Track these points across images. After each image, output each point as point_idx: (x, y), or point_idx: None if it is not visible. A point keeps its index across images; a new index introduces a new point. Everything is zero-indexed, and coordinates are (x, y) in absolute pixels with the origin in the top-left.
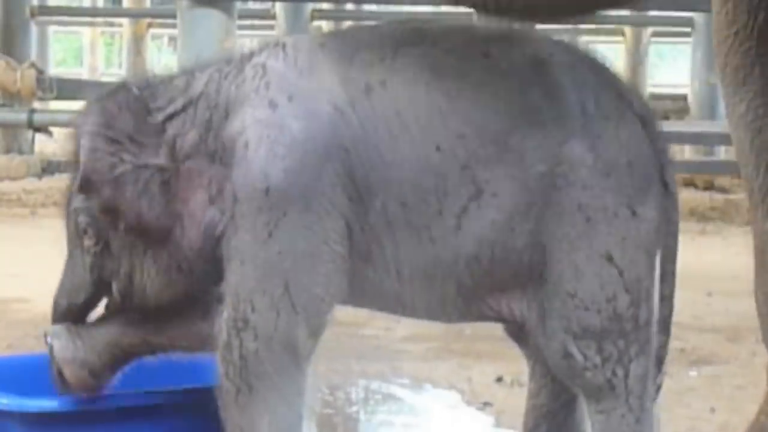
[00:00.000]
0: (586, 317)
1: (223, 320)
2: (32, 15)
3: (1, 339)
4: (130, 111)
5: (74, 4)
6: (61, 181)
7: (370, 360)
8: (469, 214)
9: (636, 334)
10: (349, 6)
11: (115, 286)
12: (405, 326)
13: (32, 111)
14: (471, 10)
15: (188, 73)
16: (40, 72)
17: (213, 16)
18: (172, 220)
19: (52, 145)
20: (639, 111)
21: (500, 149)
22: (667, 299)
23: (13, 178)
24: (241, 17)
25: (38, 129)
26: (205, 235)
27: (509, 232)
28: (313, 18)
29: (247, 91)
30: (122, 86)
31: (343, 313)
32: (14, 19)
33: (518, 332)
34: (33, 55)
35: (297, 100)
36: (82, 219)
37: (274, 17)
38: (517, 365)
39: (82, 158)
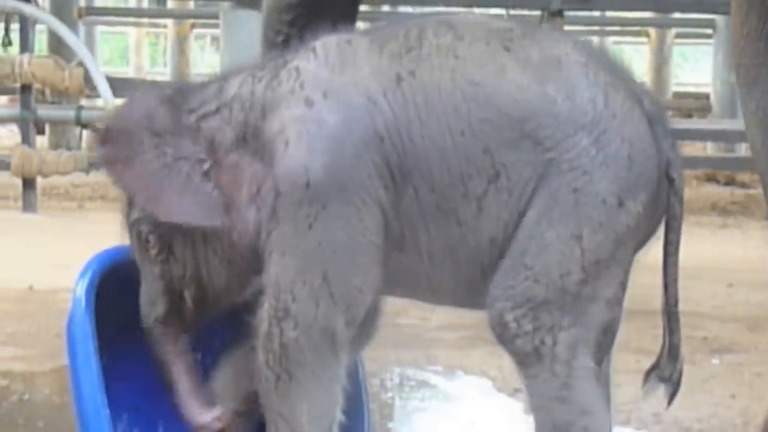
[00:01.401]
0: (533, 288)
1: (264, 310)
2: (80, 16)
3: (50, 327)
4: (166, 109)
5: (120, 5)
6: (106, 176)
7: (405, 348)
8: (488, 196)
9: (573, 305)
10: (385, 8)
11: (186, 294)
12: (439, 316)
13: (80, 108)
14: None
15: (221, 79)
16: (88, 71)
17: (254, 18)
18: (219, 211)
19: None
20: (648, 110)
21: (517, 135)
22: (671, 289)
23: (62, 173)
24: None
25: (85, 125)
26: (252, 228)
27: (516, 213)
28: None
29: (283, 92)
30: (153, 87)
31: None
32: (62, 19)
33: None
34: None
35: (331, 95)
36: (144, 228)
37: None
38: None
39: (122, 155)
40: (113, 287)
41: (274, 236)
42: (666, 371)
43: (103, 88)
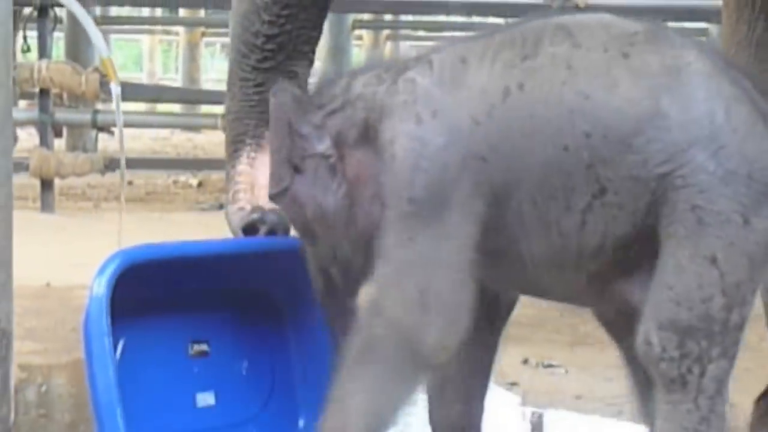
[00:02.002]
0: (676, 311)
1: (367, 301)
2: (96, 24)
3: (67, 323)
4: (297, 106)
5: (134, 14)
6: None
7: None
8: (593, 210)
9: (722, 336)
10: (388, 17)
11: (333, 271)
12: None
13: (96, 112)
14: None
15: (350, 76)
16: (103, 76)
17: None
18: (346, 202)
19: (114, 143)
20: None
21: (624, 150)
22: None
23: (78, 174)
24: None
25: (101, 128)
26: (370, 224)
27: (630, 227)
28: (354, 27)
29: (398, 102)
30: (282, 87)
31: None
32: (79, 27)
33: (617, 323)
34: (96, 60)
35: (440, 115)
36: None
37: None
38: (542, 348)
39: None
40: (130, 285)
41: (381, 243)
42: None
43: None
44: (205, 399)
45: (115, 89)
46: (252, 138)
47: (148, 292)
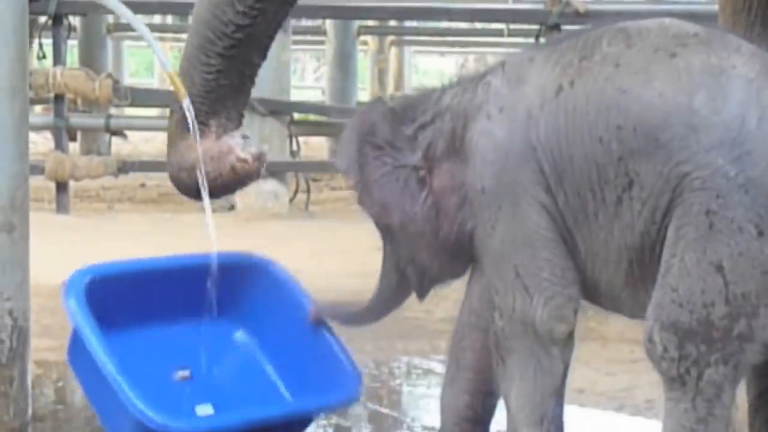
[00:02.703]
0: (678, 313)
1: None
2: (108, 32)
3: None
4: (387, 121)
5: (146, 22)
6: (134, 180)
7: (411, 339)
8: (623, 204)
9: (723, 343)
10: (392, 23)
11: (408, 271)
12: (442, 309)
13: (109, 117)
14: None
15: (441, 89)
16: (116, 82)
17: None
18: (431, 214)
19: (127, 146)
20: None
21: (651, 144)
22: None
23: (92, 177)
24: (295, 33)
25: (114, 132)
26: (458, 231)
27: (651, 224)
28: (359, 33)
29: (477, 105)
30: (378, 102)
31: None
32: (93, 35)
33: None
34: (109, 66)
35: (504, 110)
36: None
37: (324, 33)
38: None
39: (351, 165)
40: (101, 306)
41: (476, 237)
42: None
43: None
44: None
45: (186, 103)
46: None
47: (120, 310)
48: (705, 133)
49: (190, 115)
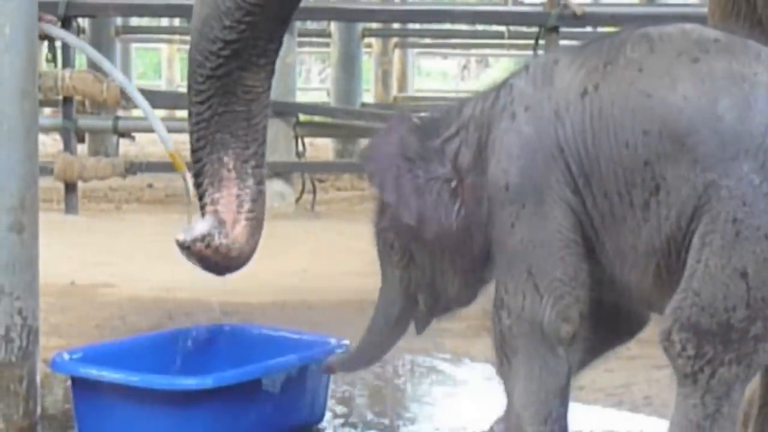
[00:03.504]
0: (699, 316)
1: (492, 300)
2: (117, 34)
3: (90, 319)
4: (414, 136)
5: (154, 24)
6: (142, 180)
7: (414, 337)
8: (650, 208)
9: (739, 344)
10: (396, 25)
11: (420, 297)
12: None
13: (117, 118)
14: None
15: (461, 102)
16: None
17: None
18: (464, 225)
19: (134, 148)
20: None
21: (677, 148)
22: None
23: (101, 178)
24: (300, 35)
25: (122, 134)
26: (481, 247)
27: (677, 230)
28: (364, 35)
29: (499, 108)
30: (404, 117)
31: None
32: (101, 37)
33: None
34: (118, 68)
35: (531, 109)
36: (390, 236)
37: (329, 35)
38: None
39: (384, 180)
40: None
41: (492, 237)
42: None
43: (156, 123)
44: None
45: (188, 177)
46: (210, 177)
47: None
48: (730, 139)
49: (187, 188)
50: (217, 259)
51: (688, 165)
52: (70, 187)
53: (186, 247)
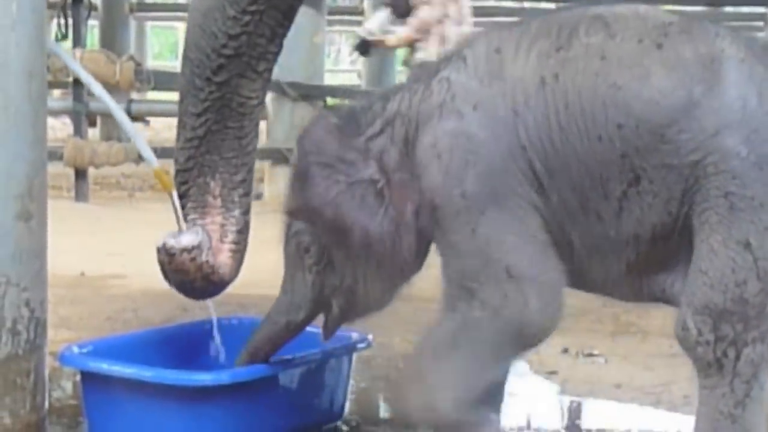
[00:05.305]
0: (710, 294)
1: (446, 297)
2: (131, 11)
3: (101, 312)
4: (333, 137)
5: (170, 1)
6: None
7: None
8: (629, 198)
9: (758, 320)
10: None
11: (335, 302)
12: None
13: (130, 101)
14: None
15: (384, 98)
16: (138, 65)
17: (303, 12)
18: (391, 227)
19: (149, 132)
20: None
21: (656, 140)
22: None
23: (113, 164)
24: (330, 13)
25: (136, 118)
26: (419, 240)
27: (666, 215)
28: None
29: (435, 104)
30: (321, 117)
31: (416, 288)
32: (114, 15)
33: None
34: (132, 48)
35: (481, 108)
36: (305, 239)
37: (362, 13)
38: (581, 338)
39: (299, 187)
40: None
41: (443, 244)
42: None
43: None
44: None
45: (175, 196)
46: (194, 201)
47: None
48: (709, 119)
49: (174, 205)
50: (195, 277)
51: (670, 153)
52: (80, 174)
53: (170, 254)
